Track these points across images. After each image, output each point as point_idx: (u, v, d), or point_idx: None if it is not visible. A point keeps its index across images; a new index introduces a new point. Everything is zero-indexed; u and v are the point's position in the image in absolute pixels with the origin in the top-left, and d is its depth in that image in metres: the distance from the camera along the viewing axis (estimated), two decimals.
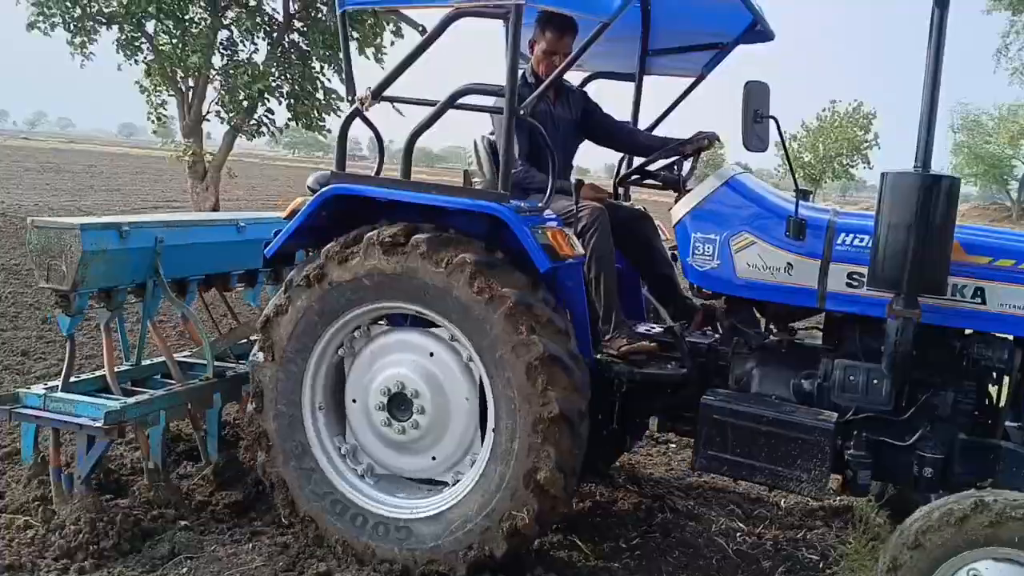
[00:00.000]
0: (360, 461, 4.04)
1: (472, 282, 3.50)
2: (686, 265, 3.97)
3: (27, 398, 4.21)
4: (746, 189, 3.92)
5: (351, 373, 3.99)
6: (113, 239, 4.15)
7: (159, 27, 15.22)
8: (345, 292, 3.75)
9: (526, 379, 3.49)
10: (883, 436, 3.70)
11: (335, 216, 3.93)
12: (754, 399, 3.83)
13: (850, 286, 3.66)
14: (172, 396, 4.35)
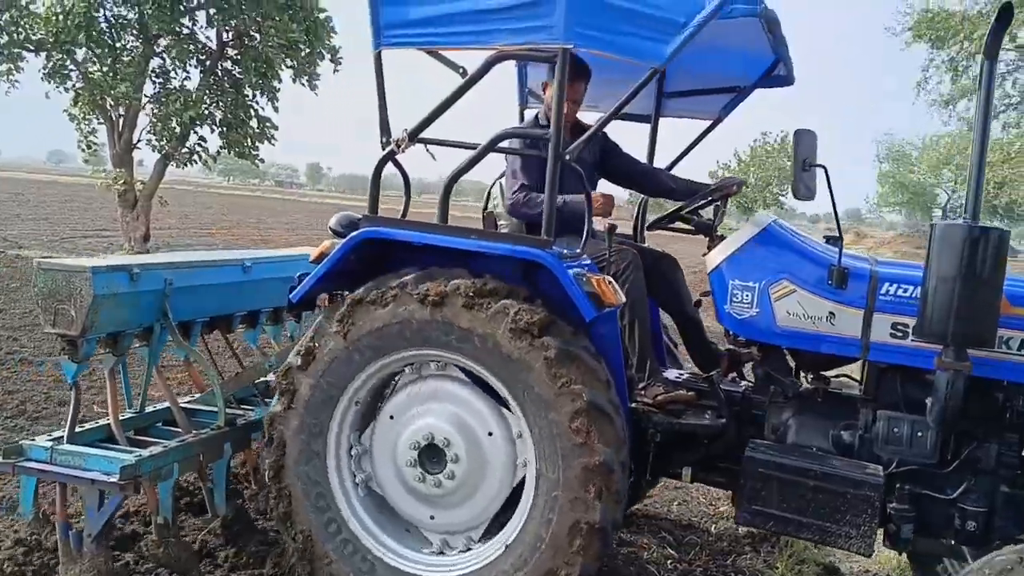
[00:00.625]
0: None
1: (513, 332, 3.39)
2: (723, 312, 3.90)
3: (32, 450, 3.94)
4: (785, 236, 3.88)
5: (377, 427, 3.84)
6: (124, 282, 3.93)
7: (88, 55, 15.11)
8: (378, 339, 3.59)
9: (569, 429, 3.37)
10: (926, 489, 3.65)
11: (364, 259, 3.79)
12: (799, 452, 3.75)
13: (894, 336, 3.63)
14: (186, 447, 4.11)
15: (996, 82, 19.32)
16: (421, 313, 3.47)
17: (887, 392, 3.78)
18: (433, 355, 3.62)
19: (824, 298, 3.70)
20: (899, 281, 3.64)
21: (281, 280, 4.97)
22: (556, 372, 3.37)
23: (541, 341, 3.37)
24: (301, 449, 3.74)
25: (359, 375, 3.68)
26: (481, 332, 3.43)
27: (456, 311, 3.45)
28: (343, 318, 3.59)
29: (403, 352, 3.61)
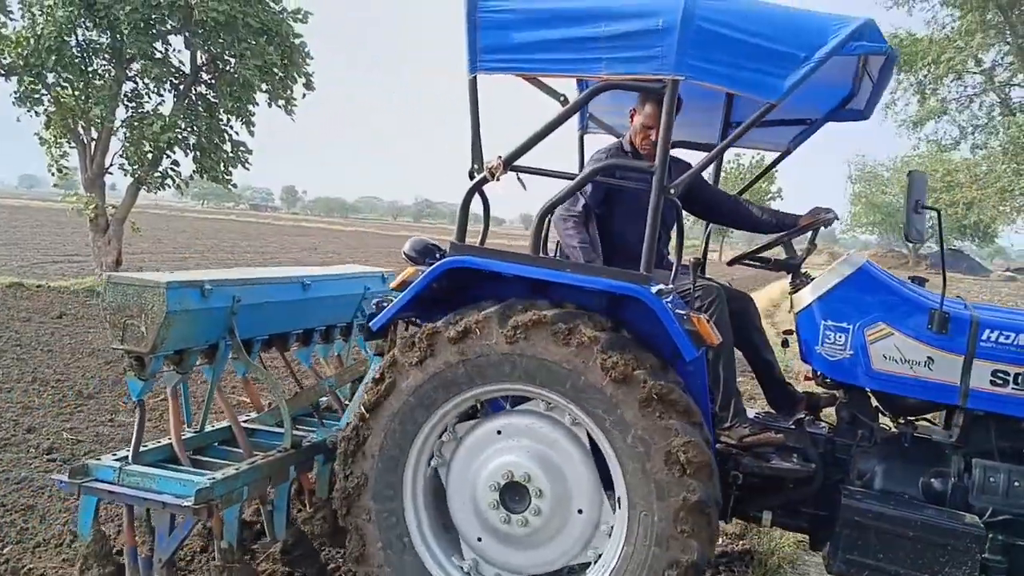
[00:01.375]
0: None
1: (607, 367, 3.26)
2: (813, 353, 3.81)
3: (98, 471, 3.77)
4: (881, 278, 3.81)
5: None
6: (195, 298, 3.78)
7: (60, 79, 14.90)
8: (498, 364, 3.43)
9: (673, 521, 3.27)
10: (1020, 540, 3.58)
11: (445, 288, 3.64)
12: (896, 501, 3.66)
13: (994, 384, 3.58)
14: (256, 470, 3.94)
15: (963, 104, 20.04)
16: (597, 376, 3.31)
17: (981, 440, 3.72)
18: (573, 410, 3.45)
19: (923, 343, 3.63)
20: (1001, 328, 3.58)
21: (335, 298, 4.90)
22: (652, 412, 3.26)
23: (637, 378, 3.26)
24: (404, 407, 3.58)
25: (500, 383, 3.51)
26: (572, 368, 3.33)
27: (548, 345, 3.33)
28: (519, 328, 3.38)
29: (552, 392, 3.44)
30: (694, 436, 3.27)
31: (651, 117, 4.07)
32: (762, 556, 5.05)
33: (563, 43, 3.46)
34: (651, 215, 3.43)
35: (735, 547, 5.26)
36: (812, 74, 3.27)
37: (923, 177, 3.45)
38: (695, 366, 3.58)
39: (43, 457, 5.72)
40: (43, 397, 7.31)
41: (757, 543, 5.27)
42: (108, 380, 8.12)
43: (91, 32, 15.04)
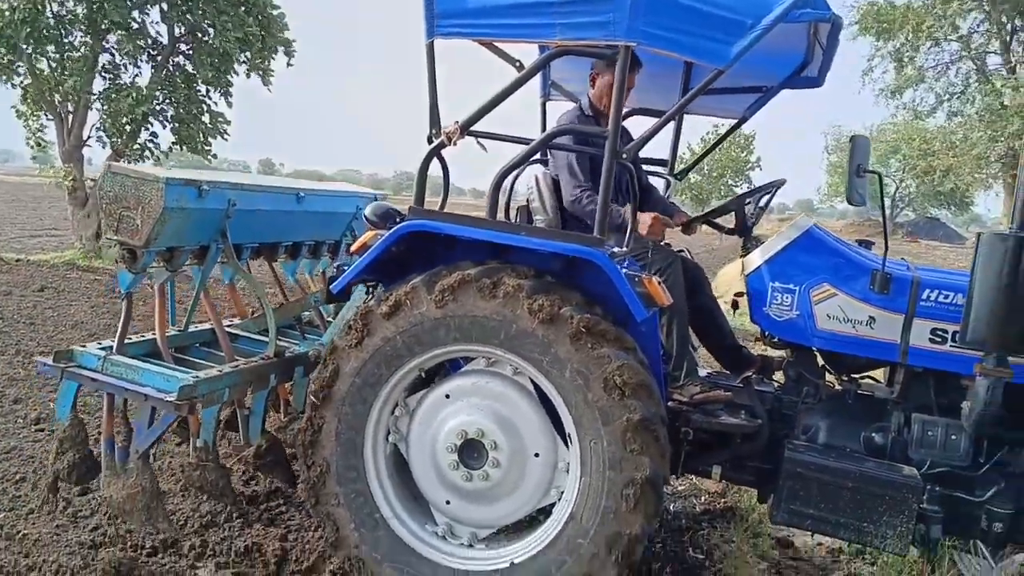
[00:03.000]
0: None
1: (534, 311, 3.40)
2: (761, 313, 3.94)
3: (83, 357, 3.89)
4: (826, 240, 3.93)
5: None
6: (192, 197, 3.83)
7: (36, 51, 14.77)
8: (472, 324, 3.52)
9: (621, 442, 3.40)
10: (957, 491, 3.75)
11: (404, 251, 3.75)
12: (838, 454, 3.81)
13: (933, 342, 3.71)
14: (238, 374, 4.04)
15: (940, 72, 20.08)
16: (526, 321, 3.42)
17: (920, 396, 3.86)
18: (511, 359, 3.56)
19: (865, 302, 3.76)
20: (941, 287, 3.71)
21: (327, 214, 4.96)
22: (610, 385, 3.40)
23: (600, 352, 3.39)
24: (351, 389, 3.68)
25: (437, 348, 3.60)
26: (540, 334, 3.43)
27: (518, 310, 3.43)
28: (446, 291, 3.49)
29: (488, 347, 3.55)
30: (627, 359, 3.39)
31: (624, 86, 4.17)
32: (744, 512, 5.25)
33: (518, 8, 3.52)
34: (604, 179, 3.52)
35: (717, 504, 5.46)
36: (759, 41, 3.34)
37: (866, 141, 3.56)
38: (647, 326, 3.69)
39: (31, 427, 5.77)
40: (28, 369, 7.32)
41: (738, 500, 5.46)
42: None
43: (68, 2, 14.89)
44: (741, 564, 4.48)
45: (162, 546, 4.10)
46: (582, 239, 3.56)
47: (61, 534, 4.17)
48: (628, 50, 3.42)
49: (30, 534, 4.12)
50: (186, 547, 4.12)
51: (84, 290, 11.89)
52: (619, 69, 3.43)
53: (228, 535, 4.29)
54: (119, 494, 3.81)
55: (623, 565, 3.45)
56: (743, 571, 4.41)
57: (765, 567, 4.67)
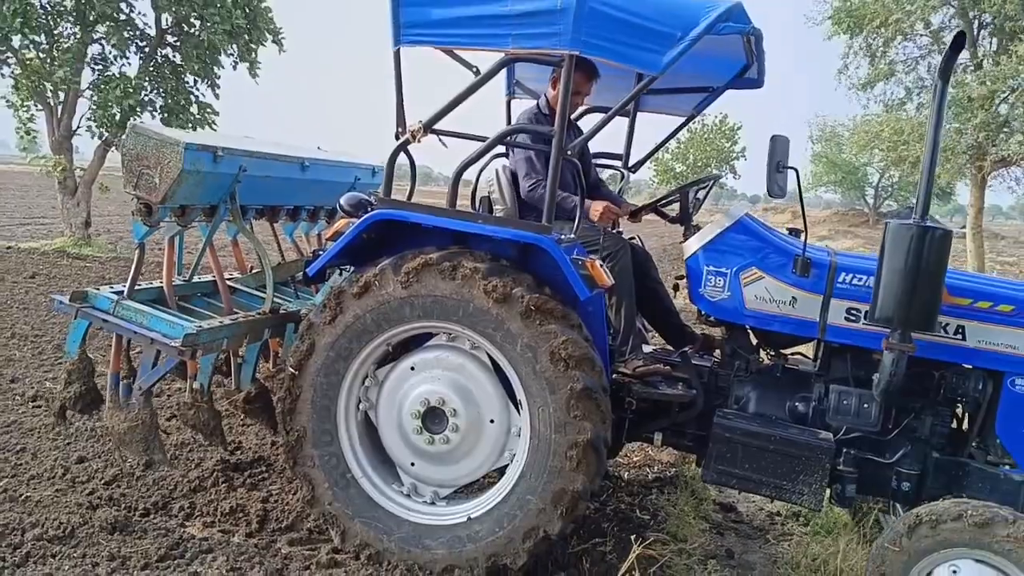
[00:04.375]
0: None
1: (489, 291, 3.80)
2: (697, 295, 4.34)
3: (97, 299, 4.26)
4: (755, 228, 4.32)
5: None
6: (208, 161, 4.18)
7: (25, 42, 15.05)
8: (435, 304, 3.92)
9: (565, 408, 3.82)
10: (869, 454, 4.19)
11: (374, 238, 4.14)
12: (761, 420, 4.25)
13: (848, 320, 4.12)
14: (237, 326, 4.42)
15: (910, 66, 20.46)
16: (481, 300, 3.82)
17: (838, 369, 4.29)
18: (469, 335, 3.96)
19: (788, 284, 4.17)
20: (854, 271, 4.11)
21: (328, 183, 5.36)
22: (556, 357, 3.81)
23: (546, 328, 3.80)
24: (325, 362, 4.08)
25: (403, 325, 4.01)
26: (495, 312, 3.84)
27: (474, 290, 3.83)
28: (410, 273, 3.88)
29: (448, 323, 3.96)
30: (572, 335, 3.81)
31: (579, 84, 4.60)
32: (689, 480, 5.71)
33: (476, 20, 3.90)
34: (551, 173, 3.93)
35: (668, 473, 5.91)
36: (687, 51, 3.72)
37: (785, 140, 3.96)
38: (594, 306, 4.11)
39: (28, 404, 6.12)
40: (23, 351, 7.70)
41: (687, 470, 5.91)
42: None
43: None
44: (684, 524, 4.93)
45: (154, 507, 4.51)
46: (532, 227, 3.96)
47: (60, 497, 4.54)
48: (572, 58, 3.81)
49: (32, 496, 4.50)
50: (176, 508, 4.54)
51: (75, 276, 12.22)
52: (564, 73, 3.83)
53: (214, 498, 4.70)
54: (120, 425, 4.24)
55: (567, 518, 3.88)
56: (685, 530, 4.85)
57: (707, 527, 5.12)
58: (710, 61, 4.84)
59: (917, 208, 3.79)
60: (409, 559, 4.05)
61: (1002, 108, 17.86)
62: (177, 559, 4.00)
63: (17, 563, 3.78)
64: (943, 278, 3.79)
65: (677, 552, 4.53)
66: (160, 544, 4.08)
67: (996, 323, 3.97)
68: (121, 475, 4.83)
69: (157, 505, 4.54)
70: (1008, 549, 3.42)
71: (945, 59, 3.71)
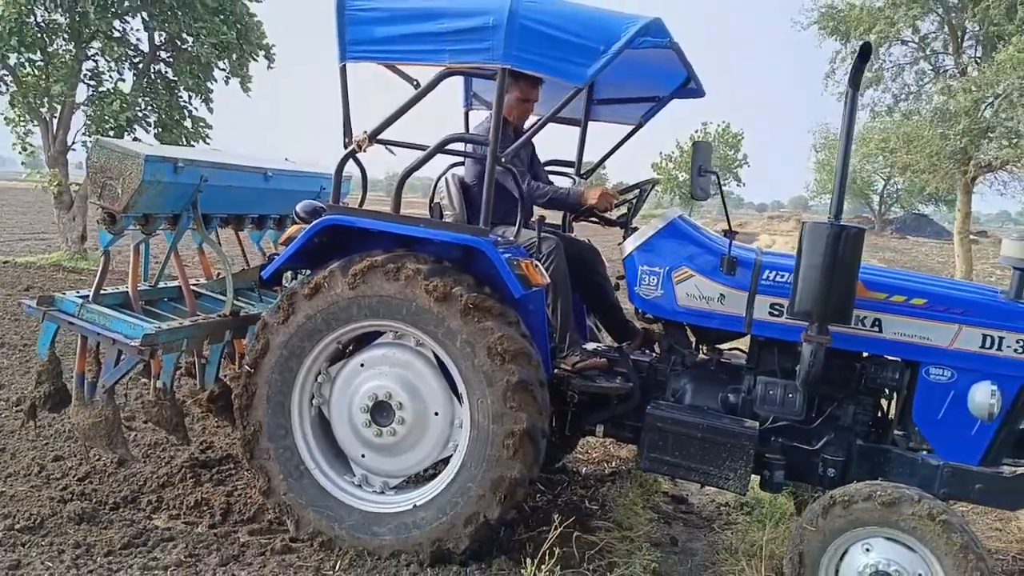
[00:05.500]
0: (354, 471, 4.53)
1: (430, 290, 4.06)
2: (633, 293, 4.58)
3: (63, 303, 4.56)
4: (686, 230, 4.57)
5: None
6: (168, 172, 4.44)
7: (21, 59, 15.39)
8: (380, 303, 4.17)
9: (502, 400, 4.07)
10: (795, 442, 4.41)
11: (325, 242, 4.39)
12: (689, 410, 4.48)
13: (772, 315, 4.33)
14: (197, 327, 4.69)
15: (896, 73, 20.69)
16: (423, 300, 4.08)
17: (766, 361, 4.51)
18: (414, 332, 4.23)
19: (716, 282, 4.40)
20: (777, 268, 4.34)
21: (292, 192, 5.62)
22: (494, 352, 4.06)
23: (484, 325, 4.06)
24: (279, 360, 4.34)
25: (351, 323, 4.27)
26: (436, 311, 4.10)
27: (416, 290, 4.09)
28: (357, 275, 4.14)
29: (393, 321, 4.22)
30: (508, 331, 4.06)
31: (526, 92, 4.90)
32: (640, 474, 5.91)
33: (415, 37, 4.18)
34: (487, 178, 4.20)
35: (624, 468, 6.16)
36: (610, 63, 3.97)
37: (708, 146, 4.21)
38: (534, 304, 4.36)
39: (12, 409, 6.37)
40: (11, 359, 7.98)
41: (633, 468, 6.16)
42: (71, 344, 8.79)
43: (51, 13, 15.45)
44: (631, 514, 5.16)
45: (123, 501, 4.78)
46: (470, 230, 4.22)
47: (34, 492, 4.80)
48: (504, 71, 4.08)
49: (6, 492, 4.76)
50: (144, 502, 4.79)
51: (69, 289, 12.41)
52: (498, 86, 4.11)
53: (181, 492, 4.96)
54: (86, 421, 4.52)
55: (506, 504, 4.13)
56: (632, 520, 5.09)
57: (655, 517, 5.37)
58: (655, 74, 5.11)
59: (831, 208, 4.01)
60: (359, 545, 4.29)
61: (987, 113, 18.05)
62: (140, 547, 4.26)
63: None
64: (857, 273, 3.99)
65: (620, 539, 4.76)
66: (124, 534, 4.34)
67: (910, 316, 4.17)
68: (94, 472, 5.11)
69: (126, 499, 4.80)
70: (913, 526, 3.64)
71: (854, 69, 3.94)
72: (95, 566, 4.00)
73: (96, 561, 4.05)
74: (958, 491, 4.14)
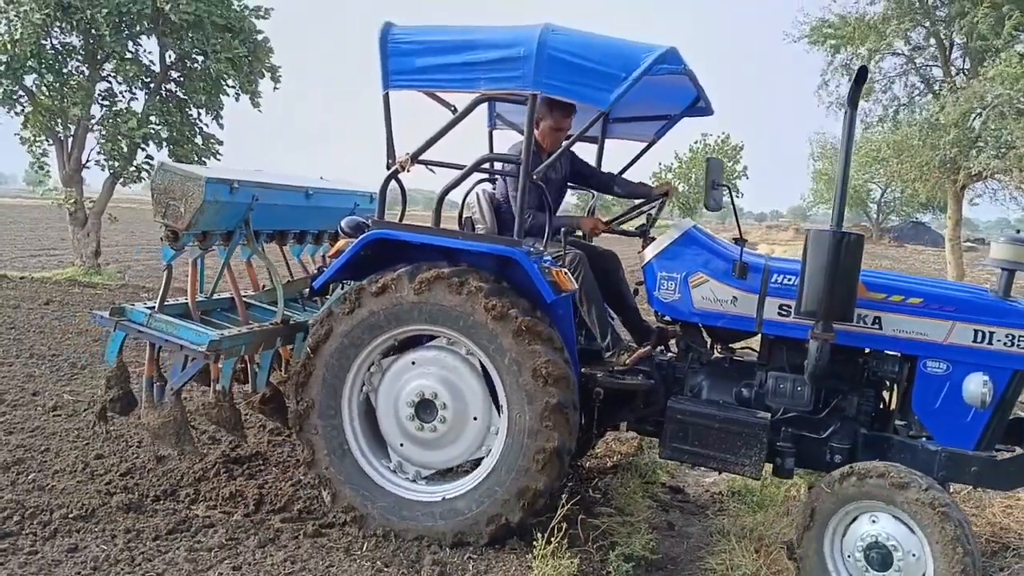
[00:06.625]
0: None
1: (488, 308, 4.45)
2: (652, 297, 4.97)
3: (133, 314, 4.92)
4: (701, 238, 4.96)
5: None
6: (225, 192, 4.81)
7: (37, 80, 15.73)
8: (441, 312, 4.54)
9: (539, 419, 4.45)
10: (804, 431, 4.78)
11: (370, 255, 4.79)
12: (707, 403, 4.86)
13: (780, 315, 4.71)
14: (253, 334, 5.07)
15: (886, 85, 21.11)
16: (481, 315, 4.46)
17: (776, 358, 4.89)
18: (466, 342, 4.61)
19: (729, 286, 4.78)
20: (785, 272, 4.71)
21: (330, 209, 6.03)
22: (523, 338, 4.45)
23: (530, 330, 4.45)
24: (340, 347, 4.70)
25: (411, 325, 4.65)
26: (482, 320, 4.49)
27: (472, 300, 4.47)
28: (423, 282, 4.51)
29: (449, 329, 4.59)
30: (554, 356, 4.45)
31: (559, 121, 5.21)
32: (641, 466, 6.41)
33: (452, 66, 4.58)
34: (520, 195, 4.59)
35: (625, 461, 6.57)
36: (631, 89, 4.34)
37: (718, 162, 4.62)
38: (564, 310, 4.74)
39: (49, 414, 6.73)
40: (42, 369, 8.32)
41: (641, 459, 6.63)
42: (98, 354, 9.10)
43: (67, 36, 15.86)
44: (631, 501, 5.57)
45: (163, 494, 5.14)
46: (505, 241, 4.63)
47: (81, 486, 5.17)
48: (535, 97, 4.49)
49: (56, 486, 5.13)
50: (182, 495, 5.17)
51: (86, 303, 12.80)
52: (528, 110, 4.51)
53: (216, 485, 5.34)
54: (155, 423, 4.89)
55: (527, 511, 4.54)
56: (632, 506, 5.50)
57: (653, 505, 5.83)
58: (666, 94, 5.51)
59: (833, 217, 4.38)
60: (387, 525, 4.70)
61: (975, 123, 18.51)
62: (184, 532, 4.65)
63: (47, 537, 4.42)
64: (857, 276, 4.36)
65: (621, 523, 5.15)
66: (169, 521, 4.74)
67: (908, 314, 4.54)
68: (134, 468, 5.51)
69: (166, 492, 5.18)
70: (915, 511, 4.01)
71: (851, 89, 4.33)
72: (145, 548, 4.37)
73: (146, 544, 4.43)
74: (956, 474, 4.51)
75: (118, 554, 4.26)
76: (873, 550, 4.11)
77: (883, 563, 4.09)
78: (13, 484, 5.07)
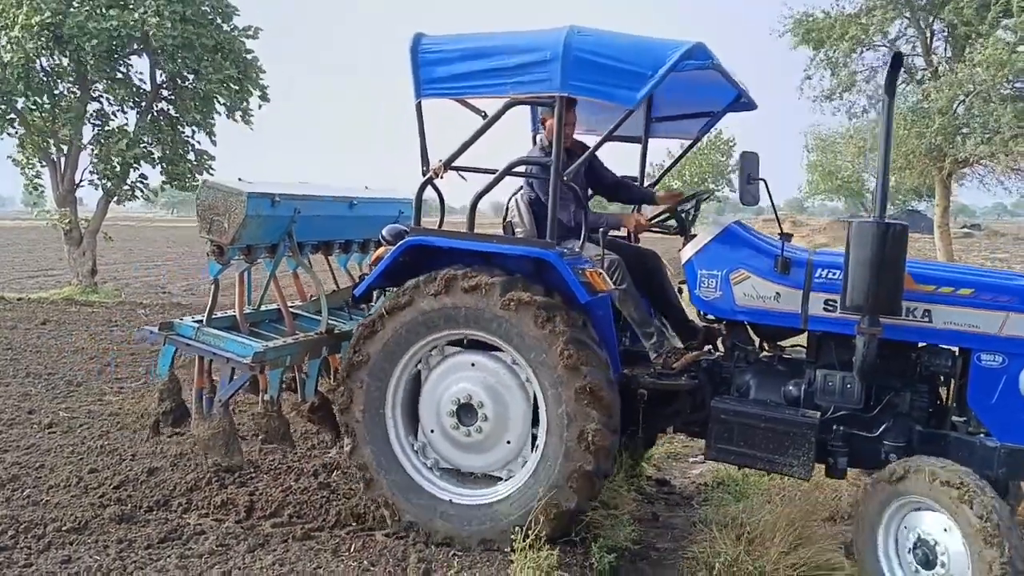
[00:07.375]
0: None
1: (536, 320, 4.40)
2: (694, 296, 4.86)
3: (181, 328, 5.03)
4: (742, 233, 4.85)
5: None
6: (267, 207, 4.89)
7: (28, 103, 16.05)
8: (474, 318, 4.54)
9: (577, 441, 4.40)
10: (856, 429, 4.62)
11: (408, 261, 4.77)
12: (753, 403, 4.75)
13: (826, 310, 4.56)
14: (299, 345, 5.13)
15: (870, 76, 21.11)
16: (534, 331, 4.43)
17: (824, 355, 4.72)
18: (513, 353, 4.58)
19: (772, 282, 4.65)
20: (829, 266, 4.57)
21: (374, 218, 6.07)
22: (567, 354, 4.39)
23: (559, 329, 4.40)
24: (413, 321, 4.67)
25: (457, 329, 4.65)
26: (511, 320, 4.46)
27: (494, 302, 4.46)
28: (510, 301, 4.44)
29: (487, 334, 4.59)
30: (598, 377, 4.38)
31: (565, 116, 5.05)
32: (625, 461, 6.15)
33: (480, 73, 4.58)
34: (552, 195, 4.53)
35: None
36: (657, 86, 4.27)
37: (754, 156, 4.47)
38: (602, 310, 4.67)
39: (45, 431, 6.92)
40: (38, 387, 8.55)
41: (627, 456, 6.35)
42: (93, 371, 9.41)
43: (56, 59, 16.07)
44: (617, 495, 5.51)
45: (156, 505, 5.23)
46: (538, 243, 4.60)
47: (74, 500, 5.25)
48: (563, 99, 4.46)
49: (50, 501, 5.23)
50: (175, 504, 5.24)
51: (83, 322, 13.01)
52: (557, 111, 4.49)
53: (208, 494, 5.38)
54: (205, 433, 4.99)
55: (555, 526, 4.48)
56: (618, 500, 5.43)
57: (639, 497, 5.85)
58: (708, 90, 5.39)
59: (875, 207, 4.24)
60: (389, 498, 4.78)
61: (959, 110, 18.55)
62: (175, 540, 4.74)
63: (41, 550, 4.53)
64: (903, 267, 4.20)
65: (606, 516, 5.08)
66: (161, 530, 4.83)
67: (959, 305, 4.36)
68: (127, 480, 5.59)
69: (159, 502, 5.25)
70: (954, 509, 3.83)
71: (888, 77, 4.21)
72: (137, 558, 4.45)
73: (138, 554, 4.51)
74: (1016, 471, 4.31)
75: (110, 564, 4.35)
76: (918, 548, 4.01)
77: (926, 561, 3.99)
78: (8, 500, 5.20)
